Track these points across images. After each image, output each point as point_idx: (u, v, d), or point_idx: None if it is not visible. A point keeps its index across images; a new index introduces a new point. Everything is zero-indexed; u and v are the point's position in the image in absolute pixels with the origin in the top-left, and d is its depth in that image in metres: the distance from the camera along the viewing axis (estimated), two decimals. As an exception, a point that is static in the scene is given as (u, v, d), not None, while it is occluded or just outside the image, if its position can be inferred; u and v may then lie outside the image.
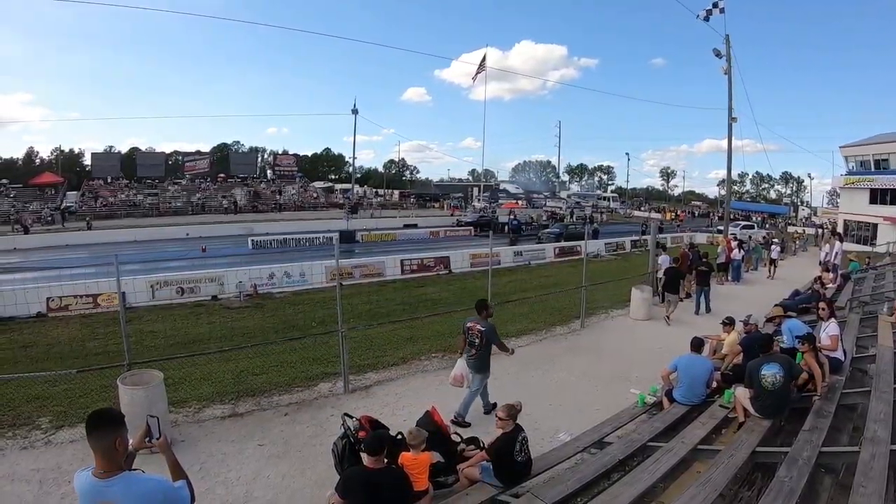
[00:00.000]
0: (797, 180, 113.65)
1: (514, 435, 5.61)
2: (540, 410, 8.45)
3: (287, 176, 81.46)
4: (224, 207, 61.30)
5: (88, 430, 2.74)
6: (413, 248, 33.72)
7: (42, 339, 13.84)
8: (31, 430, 7.79)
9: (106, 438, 2.72)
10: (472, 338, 8.20)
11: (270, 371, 10.41)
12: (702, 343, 8.43)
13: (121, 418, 2.85)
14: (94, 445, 2.72)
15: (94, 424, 2.75)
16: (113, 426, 2.76)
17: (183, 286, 19.30)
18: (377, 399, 9.07)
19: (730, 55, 29.10)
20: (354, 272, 23.28)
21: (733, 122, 30.05)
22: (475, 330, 8.20)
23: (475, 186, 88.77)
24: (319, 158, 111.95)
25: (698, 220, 70.56)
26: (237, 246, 35.17)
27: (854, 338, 10.24)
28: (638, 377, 10.12)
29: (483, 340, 8.12)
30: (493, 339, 8.25)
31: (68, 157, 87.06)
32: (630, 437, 6.68)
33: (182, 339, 13.33)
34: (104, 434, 2.73)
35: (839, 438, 6.18)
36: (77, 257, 30.26)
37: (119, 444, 2.74)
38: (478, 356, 8.18)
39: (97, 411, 2.87)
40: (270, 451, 7.21)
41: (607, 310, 16.29)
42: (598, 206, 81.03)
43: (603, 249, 34.89)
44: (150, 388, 6.97)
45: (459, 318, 13.14)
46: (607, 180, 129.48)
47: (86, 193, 63.54)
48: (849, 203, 47.27)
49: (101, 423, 2.77)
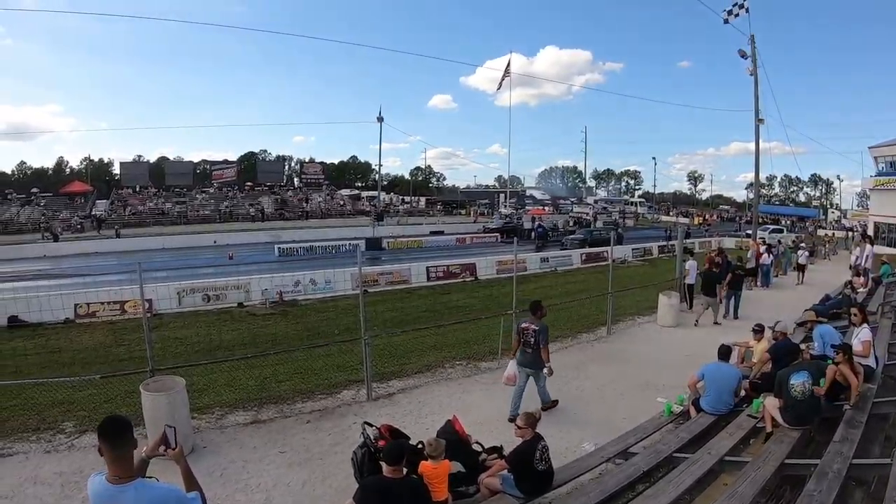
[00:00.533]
0: (826, 182, 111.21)
1: (533, 443, 5.52)
2: (565, 419, 8.38)
3: (314, 184, 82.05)
4: (251, 215, 61.91)
5: (103, 436, 2.74)
6: (439, 255, 33.70)
7: (69, 344, 14.08)
8: (56, 433, 7.94)
9: (121, 445, 2.74)
10: (528, 337, 8.59)
11: (294, 378, 10.45)
12: (729, 351, 8.25)
13: (131, 425, 2.86)
14: (107, 452, 2.72)
15: (109, 431, 2.75)
16: (127, 433, 2.78)
17: (209, 293, 19.51)
18: (400, 407, 9.03)
19: (755, 56, 28.65)
20: (380, 279, 23.34)
21: (760, 124, 29.57)
22: (530, 330, 8.59)
23: (501, 193, 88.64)
24: (346, 166, 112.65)
25: (725, 225, 69.55)
26: (264, 253, 35.50)
27: (886, 344, 9.91)
28: (665, 385, 9.94)
29: (537, 339, 8.51)
30: (543, 339, 8.55)
31: (97, 166, 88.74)
32: (655, 448, 6.53)
33: (207, 346, 13.44)
34: (118, 441, 2.74)
35: (871, 449, 5.98)
36: (105, 264, 30.86)
37: (131, 452, 2.78)
38: (533, 353, 8.58)
39: (111, 418, 2.88)
40: (292, 458, 7.21)
41: (634, 316, 16.10)
42: (624, 212, 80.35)
43: (630, 255, 34.55)
44: (172, 395, 7.03)
45: (485, 325, 13.21)
46: (634, 185, 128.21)
47: (115, 202, 64.74)
48: (879, 205, 46.06)
49: (115, 430, 2.77)
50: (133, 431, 2.83)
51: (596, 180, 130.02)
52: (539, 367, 8.61)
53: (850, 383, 6.77)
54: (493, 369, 11.07)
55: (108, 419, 2.86)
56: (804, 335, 11.91)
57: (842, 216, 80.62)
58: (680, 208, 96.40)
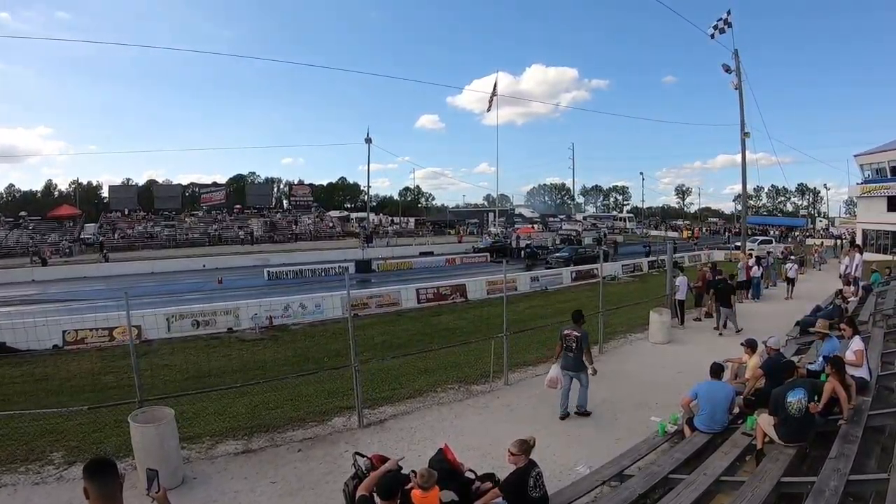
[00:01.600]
0: (813, 191, 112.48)
1: (527, 470, 5.45)
2: (558, 442, 8.30)
3: (303, 206, 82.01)
4: (240, 238, 61.74)
5: (91, 477, 2.77)
6: (429, 277, 33.64)
7: (58, 372, 13.92)
8: (44, 465, 7.79)
9: (109, 485, 2.78)
10: (570, 342, 9.58)
11: (285, 405, 10.33)
12: (721, 369, 8.22)
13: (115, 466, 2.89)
14: (96, 492, 2.75)
15: (98, 472, 2.80)
16: (114, 473, 2.82)
17: (199, 319, 19.35)
18: (392, 433, 8.93)
19: (739, 70, 29.00)
20: (370, 302, 23.24)
21: (746, 138, 29.86)
22: (572, 336, 9.59)
23: (490, 211, 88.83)
24: (335, 188, 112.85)
25: (713, 238, 69.79)
26: (253, 277, 35.32)
27: (879, 354, 9.83)
28: (658, 404, 9.89)
29: (578, 344, 9.50)
30: (585, 344, 9.61)
31: (86, 189, 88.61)
32: (650, 470, 6.47)
33: (197, 373, 13.31)
34: (107, 481, 2.78)
35: (867, 464, 5.93)
36: (94, 289, 30.71)
37: (120, 490, 2.82)
38: (575, 357, 9.54)
39: (97, 460, 2.91)
40: (283, 488, 7.09)
41: (625, 334, 16.07)
42: (613, 227, 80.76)
43: (620, 271, 34.63)
44: (161, 426, 6.93)
45: (476, 348, 13.14)
46: (623, 200, 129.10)
47: (104, 225, 64.38)
48: (866, 212, 46.65)
49: (103, 470, 2.82)
50: (117, 470, 2.85)
51: (584, 196, 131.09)
52: (581, 369, 9.55)
53: (840, 397, 6.75)
54: (486, 392, 11.01)
55: (92, 461, 2.89)
56: (796, 348, 11.94)
57: (829, 224, 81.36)
58: (669, 222, 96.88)
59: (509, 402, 10.50)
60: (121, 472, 2.87)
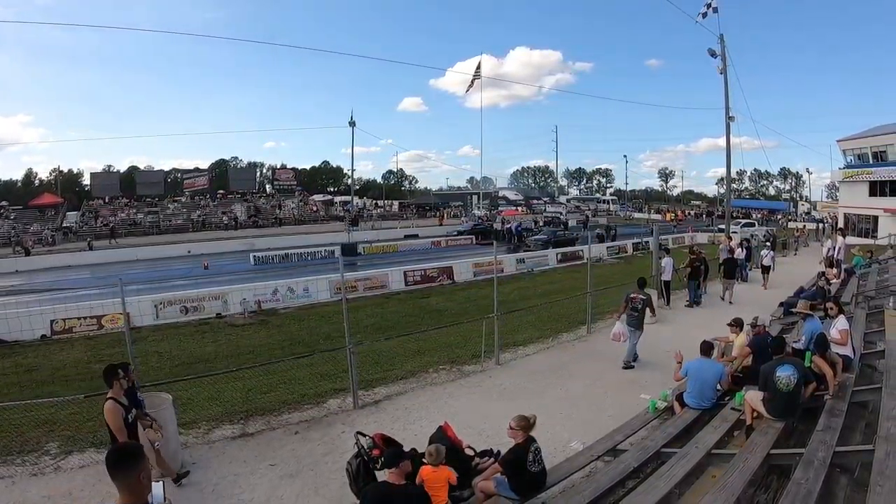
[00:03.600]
0: (796, 175, 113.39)
1: (526, 445, 5.58)
2: (551, 419, 8.43)
3: (286, 190, 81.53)
4: (224, 223, 61.25)
5: (110, 467, 2.66)
6: (416, 259, 33.67)
7: (47, 362, 13.85)
8: (41, 455, 7.79)
9: (130, 474, 2.65)
10: (636, 304, 11.80)
11: (279, 389, 10.41)
12: (711, 347, 8.40)
13: (140, 451, 2.80)
14: (117, 482, 2.64)
15: (117, 461, 2.68)
16: (135, 461, 2.70)
17: (187, 305, 19.29)
18: (387, 414, 9.06)
19: (725, 55, 29.20)
20: (358, 285, 23.26)
21: (731, 122, 30.14)
22: (638, 298, 11.86)
23: (474, 194, 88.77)
24: (318, 171, 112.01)
25: (697, 221, 70.12)
26: (239, 262, 35.14)
27: (862, 334, 10.15)
28: (647, 382, 10.12)
29: (643, 306, 11.81)
30: (650, 304, 12.28)
31: (67, 177, 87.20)
32: (643, 444, 6.65)
33: (188, 359, 13.32)
34: (128, 470, 2.65)
35: (853, 437, 6.14)
36: (80, 278, 30.48)
37: (143, 478, 2.66)
38: (638, 317, 11.73)
39: (118, 447, 2.89)
40: (283, 470, 7.19)
41: (613, 314, 16.17)
42: (597, 210, 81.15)
43: (605, 253, 34.87)
44: (160, 412, 6.98)
45: (466, 329, 13.28)
46: (606, 183, 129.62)
47: (86, 213, 63.63)
48: (849, 196, 47.26)
49: (123, 459, 2.71)
50: (139, 458, 2.72)
51: (568, 179, 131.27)
52: (639, 327, 11.69)
53: (826, 374, 6.97)
54: (478, 372, 11.17)
55: (110, 450, 2.82)
56: (780, 328, 12.19)
57: (812, 208, 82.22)
58: (652, 205, 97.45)
59: (501, 381, 10.67)
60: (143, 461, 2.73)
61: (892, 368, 7.28)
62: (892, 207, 40.46)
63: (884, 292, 14.55)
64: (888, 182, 41.96)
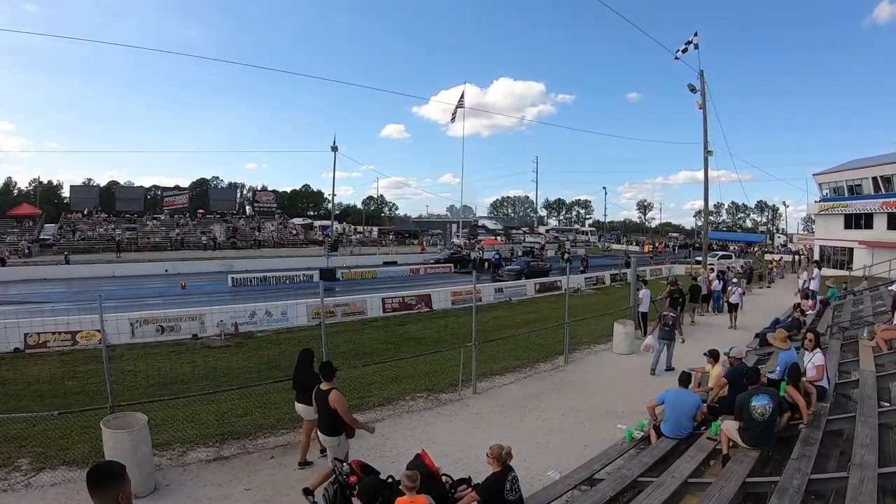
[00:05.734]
0: (772, 208, 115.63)
1: (503, 474, 5.58)
2: (528, 449, 8.44)
3: (266, 212, 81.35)
4: (203, 243, 60.80)
5: (90, 485, 2.58)
6: (394, 286, 33.50)
7: (20, 376, 13.52)
8: (11, 471, 7.64)
9: (108, 494, 2.57)
10: (668, 320, 13.69)
11: (255, 412, 10.29)
12: (689, 377, 8.51)
13: (122, 471, 2.68)
14: (95, 499, 2.57)
15: (96, 480, 2.60)
16: (116, 480, 2.62)
17: (164, 324, 19.00)
18: (364, 440, 8.93)
19: (704, 90, 29.82)
20: (336, 311, 23.09)
21: (709, 156, 30.67)
22: (669, 316, 13.82)
23: (454, 222, 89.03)
24: (298, 195, 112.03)
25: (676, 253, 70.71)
26: (217, 283, 34.72)
27: (836, 363, 10.32)
28: (624, 412, 10.15)
29: (674, 322, 13.77)
30: (677, 323, 14.10)
31: (47, 188, 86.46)
32: (620, 473, 6.69)
33: (163, 379, 13.09)
34: (107, 490, 2.57)
35: (827, 465, 6.24)
36: (55, 292, 30.00)
37: (122, 498, 2.58)
38: (669, 331, 13.57)
39: (98, 466, 2.73)
40: (258, 495, 7.10)
41: (590, 345, 16.36)
42: (576, 241, 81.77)
43: (583, 284, 35.08)
44: (134, 432, 6.88)
45: (443, 357, 13.27)
46: (585, 214, 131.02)
47: (64, 226, 62.79)
48: (824, 229, 48.06)
49: (102, 478, 2.62)
50: (120, 478, 2.63)
51: (547, 210, 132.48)
52: (672, 339, 13.57)
53: (798, 404, 7.08)
54: (455, 401, 11.14)
55: (93, 467, 2.71)
56: (756, 359, 12.34)
57: (788, 241, 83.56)
58: (630, 237, 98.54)
59: (478, 410, 10.64)
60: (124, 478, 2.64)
61: (866, 398, 7.43)
62: (866, 240, 41.18)
63: (858, 323, 14.80)
64: (863, 215, 42.80)
